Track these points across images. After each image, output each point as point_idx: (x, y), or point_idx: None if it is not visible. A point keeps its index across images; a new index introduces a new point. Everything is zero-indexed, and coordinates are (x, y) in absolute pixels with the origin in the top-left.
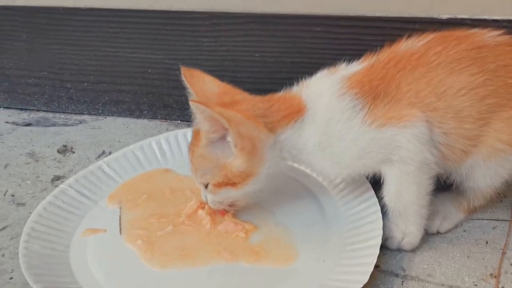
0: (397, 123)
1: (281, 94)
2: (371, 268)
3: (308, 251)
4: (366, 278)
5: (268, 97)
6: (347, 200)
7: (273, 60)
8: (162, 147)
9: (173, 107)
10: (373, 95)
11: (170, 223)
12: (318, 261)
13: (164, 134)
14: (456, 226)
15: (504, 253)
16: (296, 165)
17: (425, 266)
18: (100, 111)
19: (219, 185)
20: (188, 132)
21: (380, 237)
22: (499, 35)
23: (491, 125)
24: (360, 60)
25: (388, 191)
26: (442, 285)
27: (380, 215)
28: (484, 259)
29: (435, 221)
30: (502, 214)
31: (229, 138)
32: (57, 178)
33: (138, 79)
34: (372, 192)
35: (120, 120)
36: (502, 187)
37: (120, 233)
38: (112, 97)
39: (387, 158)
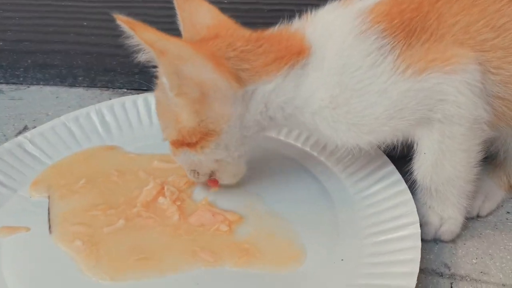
0: (442, 67)
1: (277, 30)
2: (416, 268)
3: (316, 248)
4: (412, 283)
5: (258, 34)
6: (358, 179)
7: (246, 7)
8: (105, 118)
9: (117, 72)
10: (406, 31)
11: (121, 216)
12: (333, 261)
13: (107, 102)
14: (497, 207)
15: None
16: (282, 136)
17: (474, 261)
18: (21, 78)
19: (176, 143)
20: (148, 97)
21: (418, 224)
22: None
23: None
24: None
25: (422, 163)
26: (504, 285)
27: (410, 195)
28: None
29: (476, 202)
30: None
31: (163, 79)
32: None
33: (71, 36)
34: (393, 167)
35: (48, 89)
36: None
37: (50, 231)
38: (37, 59)
39: (426, 117)
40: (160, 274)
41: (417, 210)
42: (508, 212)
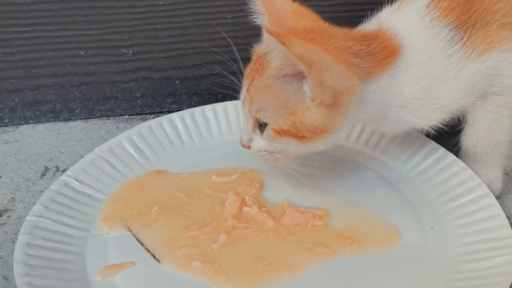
0: (499, 47)
1: (373, 29)
2: (504, 220)
3: (405, 223)
4: (509, 232)
5: (361, 33)
6: (404, 159)
7: (249, 20)
8: (137, 144)
9: (117, 99)
10: (466, 20)
11: (219, 231)
12: (426, 231)
13: (133, 128)
14: None
15: None
16: None
17: None
18: (6, 120)
19: (282, 132)
20: (172, 118)
21: (483, 184)
22: None
23: None
24: None
25: (474, 132)
26: None
27: (462, 162)
28: None
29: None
30: None
31: (306, 88)
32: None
33: (66, 67)
34: (433, 142)
35: (42, 127)
36: None
37: (158, 260)
38: (26, 97)
39: (486, 91)
40: (293, 275)
41: None
42: None
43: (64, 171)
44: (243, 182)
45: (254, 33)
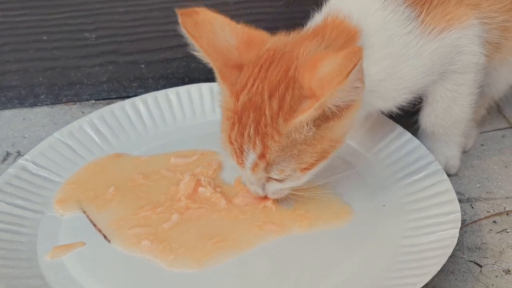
0: (458, 24)
1: (319, 23)
2: (454, 195)
3: (358, 201)
4: (456, 207)
5: (309, 31)
6: (361, 137)
7: (212, 2)
8: (98, 128)
9: (83, 84)
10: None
11: (172, 211)
12: (377, 208)
13: (95, 112)
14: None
15: None
16: None
17: (478, 185)
18: None
19: (311, 166)
20: (135, 102)
21: (437, 162)
22: None
23: None
24: None
25: (432, 111)
26: (507, 197)
27: (419, 141)
28: None
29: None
30: (500, 123)
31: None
32: None
33: (30, 52)
34: (389, 120)
35: (7, 113)
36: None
37: (108, 240)
38: None
39: (446, 69)
40: (241, 251)
41: None
42: (481, 145)
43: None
44: (201, 163)
45: None
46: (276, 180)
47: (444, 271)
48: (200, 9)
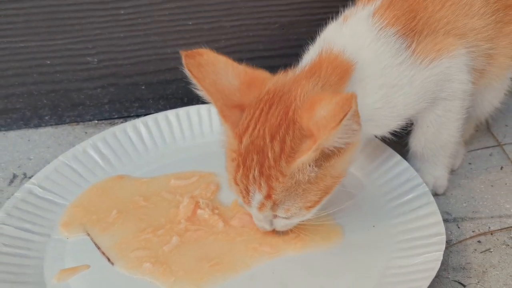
0: (447, 53)
1: (313, 60)
2: (439, 217)
3: (349, 222)
4: (441, 229)
5: (305, 69)
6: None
7: (210, 26)
8: (101, 151)
9: (85, 105)
10: (413, 28)
11: (172, 234)
12: (367, 229)
13: (98, 135)
14: (462, 161)
15: None
16: None
17: (464, 205)
18: None
19: (315, 203)
20: (136, 124)
21: (424, 184)
22: None
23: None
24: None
25: (422, 135)
26: (492, 217)
27: (408, 164)
28: (506, 184)
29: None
30: (488, 141)
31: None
32: None
33: (33, 76)
34: (380, 142)
35: (13, 134)
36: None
37: (111, 263)
38: None
39: (436, 97)
40: (237, 274)
41: None
42: (469, 163)
43: (31, 177)
44: (200, 185)
45: (213, 39)
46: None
47: None
48: (203, 50)
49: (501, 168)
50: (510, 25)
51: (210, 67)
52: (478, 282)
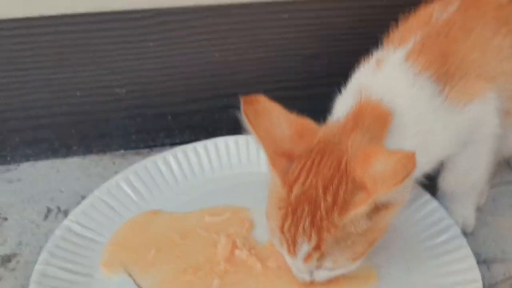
0: (479, 98)
1: (354, 109)
2: (474, 261)
3: (384, 264)
4: (477, 275)
5: (348, 116)
6: None
7: (236, 58)
8: (133, 184)
9: (112, 135)
10: (446, 72)
11: (212, 275)
12: (403, 271)
13: (130, 168)
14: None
15: None
16: None
17: (493, 244)
18: (8, 158)
19: (361, 255)
20: (166, 156)
21: (457, 227)
22: None
23: None
24: (389, 41)
25: (452, 176)
26: None
27: (438, 203)
28: None
29: None
30: (509, 176)
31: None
32: (7, 259)
33: (63, 107)
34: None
35: (41, 165)
36: None
37: None
38: (26, 136)
39: (468, 140)
40: None
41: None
42: (493, 200)
43: (65, 211)
44: (234, 222)
45: (240, 70)
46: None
47: None
48: (261, 98)
49: None
50: None
51: (266, 115)
52: None
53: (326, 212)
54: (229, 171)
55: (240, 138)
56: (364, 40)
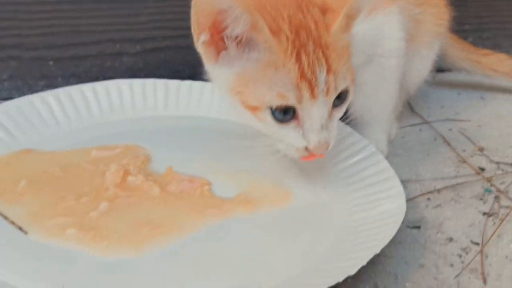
0: (381, 11)
1: None
2: (393, 172)
3: (298, 184)
4: (399, 183)
5: None
6: None
7: None
8: (2, 123)
9: None
10: None
11: (99, 200)
12: (319, 191)
13: None
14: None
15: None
16: None
17: (407, 170)
18: None
19: (353, 78)
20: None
21: (371, 145)
22: None
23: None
24: None
25: (361, 95)
26: (435, 179)
27: (356, 133)
28: (440, 152)
29: None
30: (415, 120)
31: None
32: None
33: None
34: None
35: None
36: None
37: (25, 232)
38: None
39: (374, 53)
40: (181, 236)
41: None
42: (402, 137)
43: None
44: (126, 156)
45: (134, 13)
46: (337, 107)
47: (392, 242)
48: None
49: (435, 139)
50: None
51: None
52: (437, 232)
53: (317, 31)
54: (122, 115)
55: (135, 83)
56: None
